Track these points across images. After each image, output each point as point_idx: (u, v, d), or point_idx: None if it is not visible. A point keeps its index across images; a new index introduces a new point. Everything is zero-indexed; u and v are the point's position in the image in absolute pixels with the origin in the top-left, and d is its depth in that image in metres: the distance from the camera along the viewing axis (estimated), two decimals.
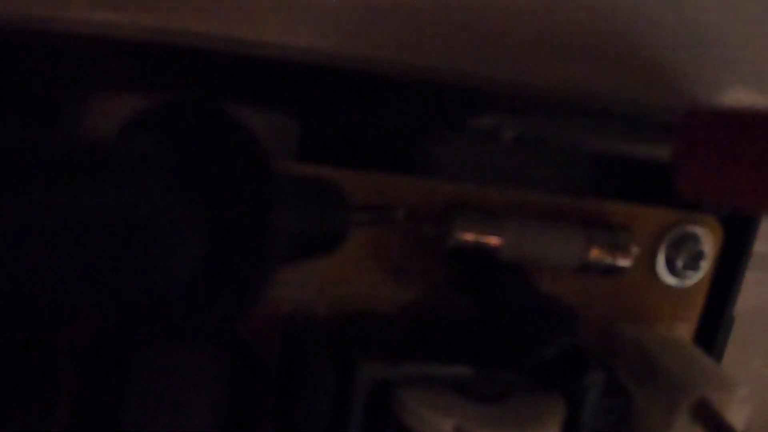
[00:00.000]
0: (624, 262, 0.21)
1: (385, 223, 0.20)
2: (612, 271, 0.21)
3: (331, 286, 0.20)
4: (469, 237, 0.20)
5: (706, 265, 0.23)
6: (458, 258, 0.20)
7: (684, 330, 0.23)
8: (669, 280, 0.23)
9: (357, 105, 0.21)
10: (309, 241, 0.16)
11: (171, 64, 0.20)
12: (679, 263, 0.23)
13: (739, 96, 0.25)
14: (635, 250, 0.21)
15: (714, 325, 0.24)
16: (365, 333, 0.20)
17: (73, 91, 0.21)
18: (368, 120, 0.21)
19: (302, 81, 0.21)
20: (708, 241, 0.23)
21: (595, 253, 0.21)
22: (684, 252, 0.22)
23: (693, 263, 0.23)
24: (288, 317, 0.20)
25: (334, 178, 0.17)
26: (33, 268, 0.10)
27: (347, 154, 0.21)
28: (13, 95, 0.20)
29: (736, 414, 0.20)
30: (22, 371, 0.19)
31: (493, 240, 0.20)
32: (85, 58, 0.20)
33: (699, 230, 0.22)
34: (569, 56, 0.24)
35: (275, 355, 0.20)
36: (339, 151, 0.21)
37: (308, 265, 0.20)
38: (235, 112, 0.14)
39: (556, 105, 0.22)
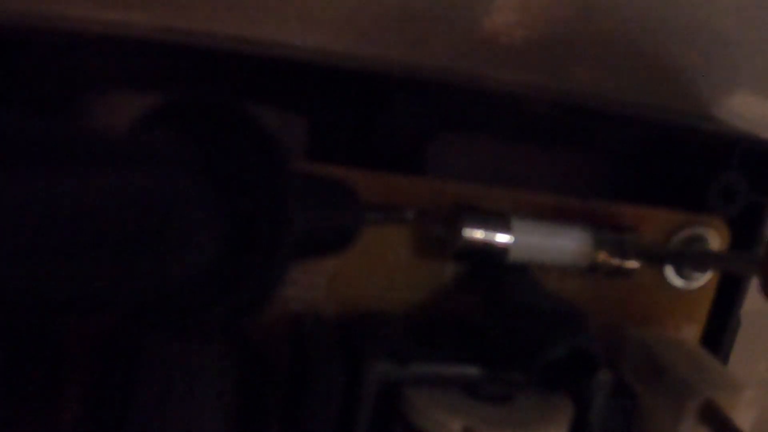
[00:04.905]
0: (631, 264, 0.21)
1: (394, 222, 0.20)
2: (619, 272, 0.21)
3: (339, 285, 0.20)
4: (477, 237, 0.20)
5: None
6: (467, 258, 0.20)
7: (691, 332, 0.23)
8: (676, 282, 0.23)
9: (366, 105, 0.21)
10: (319, 240, 0.16)
11: (181, 63, 0.20)
12: (686, 265, 0.23)
13: (746, 99, 0.25)
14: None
15: (720, 327, 0.24)
16: (374, 333, 0.20)
17: (81, 90, 0.21)
18: (377, 120, 0.21)
19: (312, 80, 0.21)
20: (715, 243, 0.23)
21: (603, 255, 0.21)
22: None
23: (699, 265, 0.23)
24: (297, 316, 0.20)
25: (344, 177, 0.17)
26: (44, 258, 0.10)
27: (356, 153, 0.21)
28: (21, 93, 0.20)
29: (743, 415, 0.20)
30: (32, 367, 0.19)
31: (502, 240, 0.20)
32: (93, 56, 0.20)
33: (706, 232, 0.22)
34: (577, 58, 0.24)
35: (284, 354, 0.20)
36: (348, 150, 0.21)
37: (317, 265, 0.20)
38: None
39: (564, 106, 0.22)
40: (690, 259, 0.22)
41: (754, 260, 0.18)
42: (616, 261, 0.21)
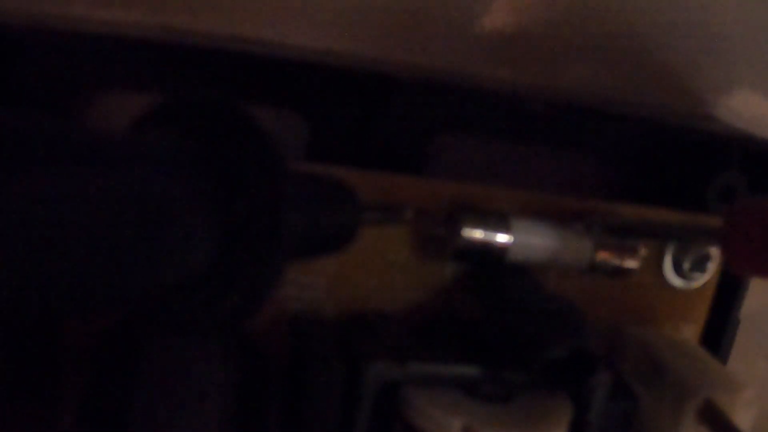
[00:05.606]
0: (631, 264, 0.21)
1: (393, 222, 0.20)
2: (619, 272, 0.21)
3: (338, 285, 0.20)
4: (476, 237, 0.20)
5: (712, 267, 0.23)
6: (466, 258, 0.20)
7: (690, 331, 0.23)
8: (676, 281, 0.23)
9: (366, 105, 0.21)
10: (317, 240, 0.16)
11: (181, 63, 0.20)
12: (686, 265, 0.23)
13: (746, 99, 0.25)
14: (642, 251, 0.21)
15: (720, 326, 0.24)
16: (373, 333, 0.20)
17: (81, 90, 0.21)
18: (377, 120, 0.21)
19: (311, 81, 0.21)
20: None
21: (603, 255, 0.21)
22: (691, 254, 0.22)
23: (699, 265, 0.23)
24: (295, 317, 0.20)
25: (343, 177, 0.17)
26: (41, 258, 0.10)
27: (356, 153, 0.21)
28: (20, 93, 0.20)
29: (742, 415, 0.20)
30: (28, 369, 0.19)
31: (501, 240, 0.20)
32: (92, 56, 0.20)
33: None
34: (576, 58, 0.24)
35: (283, 355, 0.20)
36: (348, 150, 0.21)
37: (316, 265, 0.20)
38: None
39: (563, 106, 0.22)
40: (649, 232, 0.21)
41: (716, 231, 0.18)
42: (616, 261, 0.21)
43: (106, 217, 0.11)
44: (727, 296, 0.24)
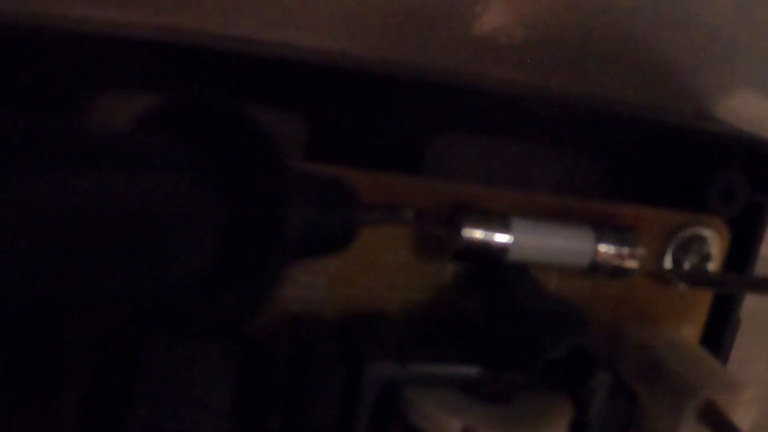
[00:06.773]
0: (631, 264, 0.21)
1: (393, 222, 0.20)
2: (619, 272, 0.21)
3: (338, 285, 0.20)
4: (477, 237, 0.20)
5: (712, 268, 0.23)
6: (466, 258, 0.20)
7: (690, 332, 0.23)
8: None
9: (366, 105, 0.21)
10: (318, 240, 0.16)
11: (181, 63, 0.20)
12: (686, 265, 0.23)
13: (746, 99, 0.25)
14: (642, 251, 0.21)
15: (720, 327, 0.24)
16: (373, 333, 0.20)
17: (81, 90, 0.21)
18: (377, 120, 0.21)
19: (311, 81, 0.21)
20: (715, 243, 0.23)
21: (603, 255, 0.21)
22: (691, 254, 0.22)
23: (700, 265, 0.23)
24: (297, 316, 0.20)
25: (343, 177, 0.17)
26: (43, 259, 0.10)
27: (356, 153, 0.21)
28: (20, 93, 0.20)
29: (742, 416, 0.20)
30: (30, 367, 0.19)
31: (502, 240, 0.20)
32: (93, 56, 0.20)
33: (706, 232, 0.22)
34: (577, 58, 0.24)
35: (283, 355, 0.20)
36: (348, 150, 0.21)
37: (316, 265, 0.20)
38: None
39: (564, 106, 0.22)
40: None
41: None
42: (616, 261, 0.21)
43: (107, 217, 0.11)
44: (727, 296, 0.24)
